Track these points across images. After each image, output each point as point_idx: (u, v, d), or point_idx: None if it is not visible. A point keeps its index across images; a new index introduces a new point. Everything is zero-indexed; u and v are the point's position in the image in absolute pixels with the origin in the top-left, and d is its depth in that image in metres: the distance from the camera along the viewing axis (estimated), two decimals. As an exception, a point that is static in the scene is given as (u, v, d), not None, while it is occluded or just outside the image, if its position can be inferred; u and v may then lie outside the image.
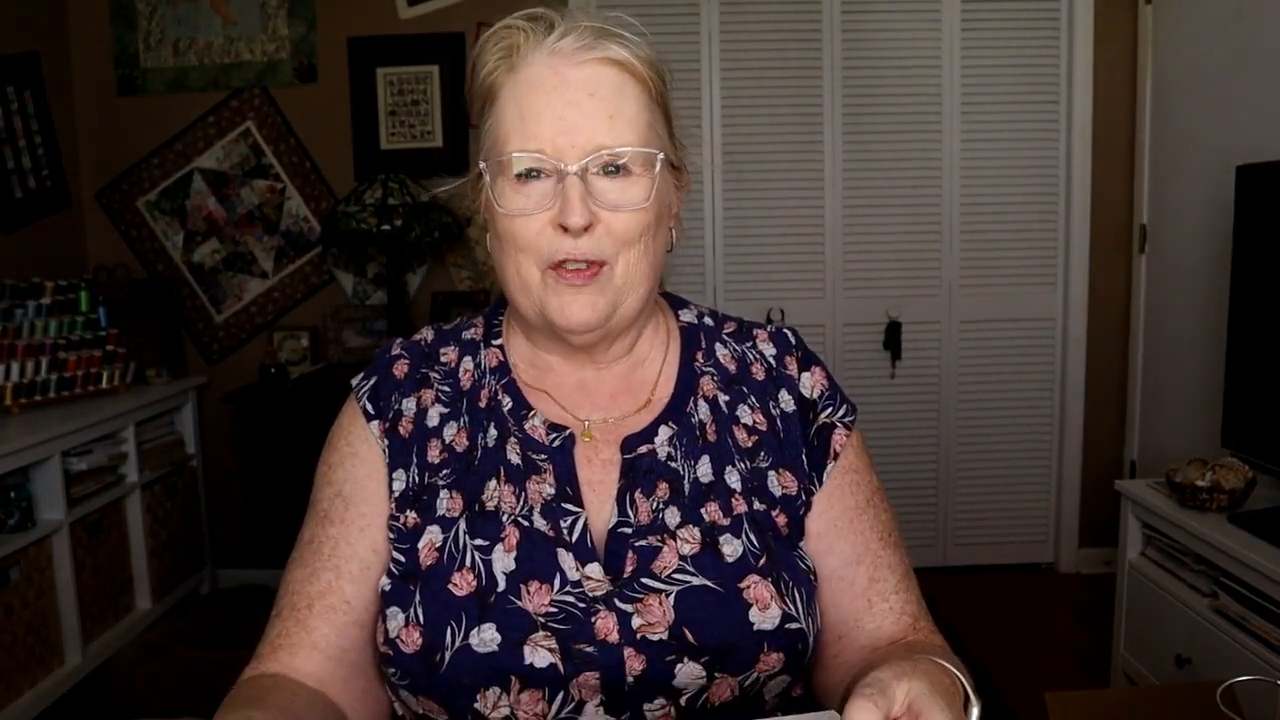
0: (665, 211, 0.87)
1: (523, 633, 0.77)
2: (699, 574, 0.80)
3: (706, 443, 0.88)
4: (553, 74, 0.80)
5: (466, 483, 0.85)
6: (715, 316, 0.99)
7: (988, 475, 3.32)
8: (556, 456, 0.86)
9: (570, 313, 0.82)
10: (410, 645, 0.78)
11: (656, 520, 0.83)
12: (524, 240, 0.82)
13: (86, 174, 3.28)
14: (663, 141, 0.85)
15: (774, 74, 3.17)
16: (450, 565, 0.81)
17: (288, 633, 0.84)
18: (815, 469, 0.89)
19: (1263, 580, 1.80)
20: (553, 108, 0.80)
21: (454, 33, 3.19)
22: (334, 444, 0.91)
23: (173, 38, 3.22)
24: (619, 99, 0.81)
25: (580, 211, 0.79)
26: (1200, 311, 2.68)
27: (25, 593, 2.36)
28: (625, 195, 0.81)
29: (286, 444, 2.95)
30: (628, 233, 0.82)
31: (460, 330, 0.96)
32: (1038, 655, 2.74)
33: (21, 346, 2.64)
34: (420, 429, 0.88)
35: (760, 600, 0.79)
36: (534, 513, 0.83)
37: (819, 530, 0.88)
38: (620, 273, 0.83)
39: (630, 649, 0.77)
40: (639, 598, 0.78)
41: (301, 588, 0.86)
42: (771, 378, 0.93)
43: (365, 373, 0.93)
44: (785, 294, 3.25)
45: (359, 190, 2.98)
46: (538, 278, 0.83)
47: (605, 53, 0.81)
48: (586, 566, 0.80)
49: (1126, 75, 3.12)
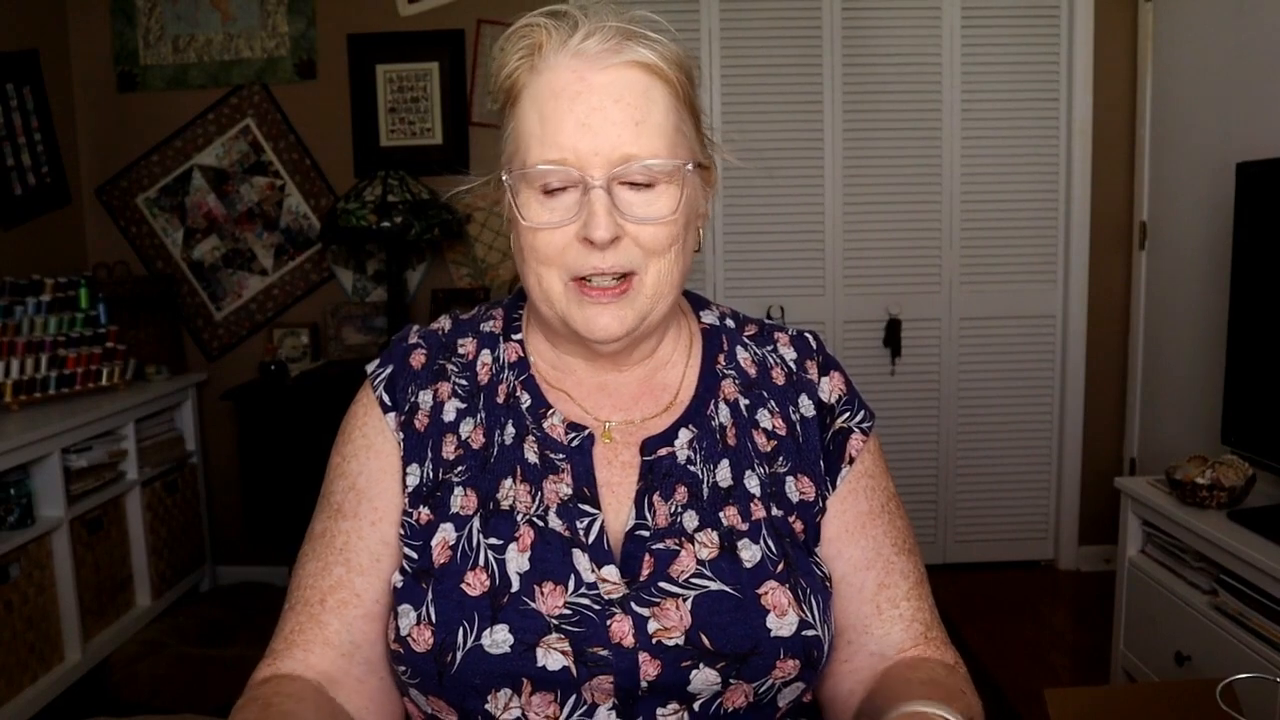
0: (694, 216, 0.85)
1: (536, 635, 0.76)
2: (717, 579, 0.79)
3: (726, 446, 0.87)
4: (577, 79, 0.78)
5: (481, 480, 0.84)
6: (736, 318, 0.97)
7: (988, 472, 3.33)
8: (575, 456, 0.84)
9: (596, 326, 0.81)
10: (421, 644, 0.77)
11: (675, 523, 0.82)
12: (548, 254, 0.81)
13: (86, 171, 3.28)
14: (691, 144, 0.83)
15: (774, 71, 3.17)
16: (464, 564, 0.79)
17: (301, 628, 0.83)
18: (830, 474, 0.88)
19: (1262, 577, 1.80)
20: (576, 114, 0.78)
21: (454, 30, 3.18)
22: (349, 434, 0.90)
23: (172, 34, 3.22)
24: (646, 104, 0.79)
25: (606, 225, 0.77)
26: (1200, 309, 2.68)
27: (25, 589, 2.36)
28: (652, 208, 0.80)
29: (286, 441, 2.95)
30: (656, 244, 0.80)
31: (479, 321, 0.94)
32: (1037, 652, 2.74)
33: (21, 343, 2.64)
34: (436, 423, 0.87)
35: (778, 606, 0.78)
36: (549, 513, 0.82)
37: (831, 535, 0.87)
38: (651, 283, 0.82)
39: (645, 653, 0.75)
40: (656, 602, 0.77)
41: (314, 582, 0.84)
42: (791, 382, 0.91)
43: (381, 359, 0.92)
44: (785, 291, 3.25)
45: (359, 187, 2.98)
46: (560, 290, 0.82)
47: (631, 55, 0.79)
48: (603, 569, 0.79)
49: (1127, 72, 3.12)
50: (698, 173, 0.85)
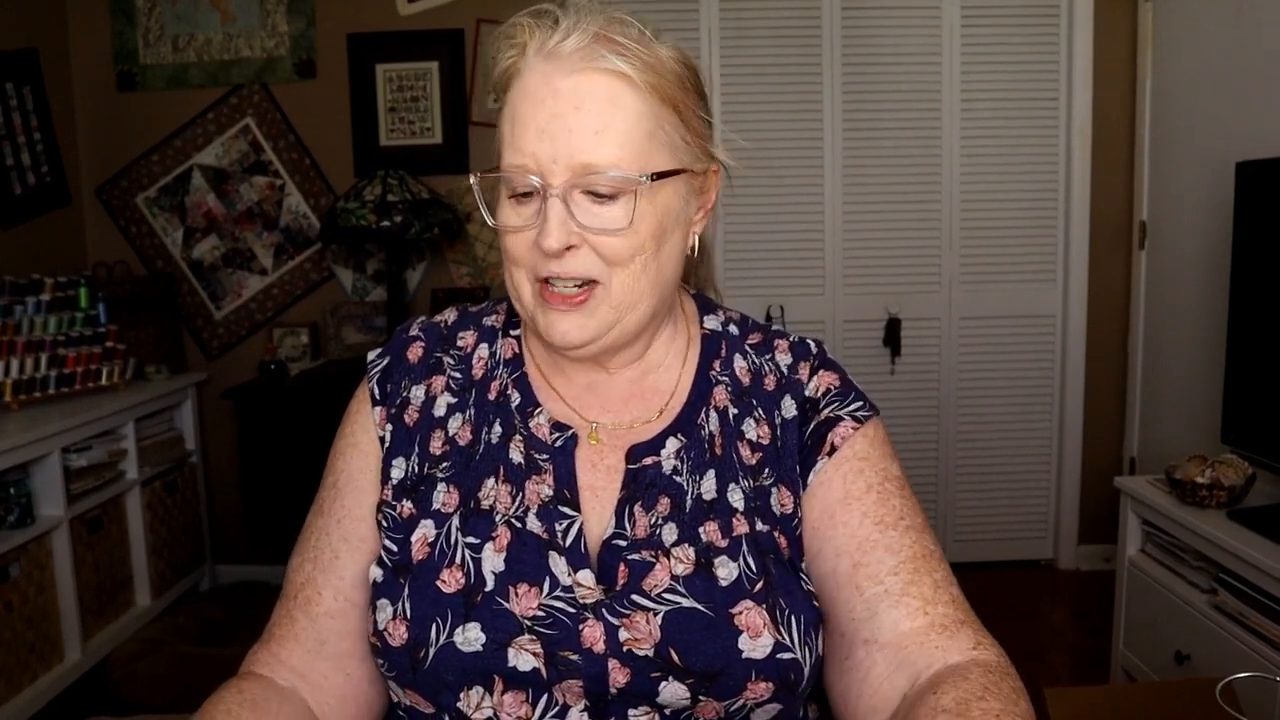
0: (673, 223, 0.83)
1: (508, 634, 0.76)
2: (690, 595, 0.77)
3: (714, 456, 0.85)
4: (544, 83, 0.77)
5: (465, 478, 0.84)
6: (743, 325, 0.94)
7: (987, 472, 3.32)
8: (558, 457, 0.84)
9: (557, 332, 0.81)
10: (397, 639, 0.78)
11: (653, 535, 0.81)
12: (516, 254, 0.82)
13: (86, 170, 3.28)
14: (672, 149, 0.81)
15: (774, 71, 3.16)
16: (440, 561, 0.80)
17: (278, 622, 0.86)
18: (805, 474, 0.85)
19: (1262, 577, 1.80)
20: (538, 121, 0.77)
21: (453, 29, 3.18)
22: (342, 430, 0.92)
23: (172, 34, 3.22)
24: (610, 111, 0.77)
25: (557, 235, 0.77)
26: (1200, 308, 2.68)
27: (25, 589, 2.36)
28: (606, 219, 0.78)
29: (286, 440, 2.95)
30: (616, 255, 0.79)
31: (484, 314, 0.96)
32: (1037, 652, 2.74)
33: (21, 343, 2.64)
34: (426, 418, 0.88)
35: (751, 628, 0.76)
36: (529, 514, 0.81)
37: (806, 537, 0.84)
38: (617, 292, 0.81)
39: (615, 660, 0.75)
40: (627, 614, 0.76)
41: (292, 576, 0.88)
42: (780, 385, 0.89)
43: (382, 349, 0.94)
44: (784, 291, 3.25)
45: (358, 187, 2.98)
46: (530, 291, 0.83)
47: (601, 63, 0.77)
48: (578, 573, 0.78)
49: (1126, 72, 3.12)
50: (687, 177, 0.83)
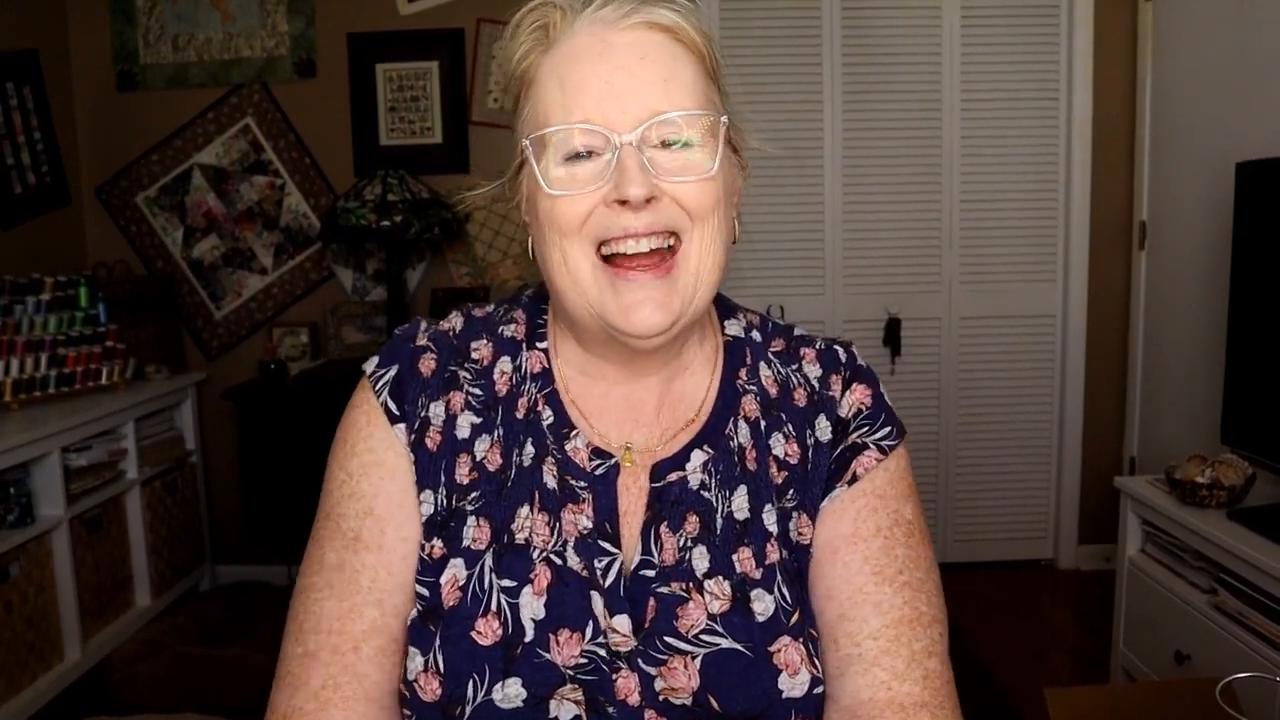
0: (729, 195, 0.77)
1: (550, 687, 0.70)
2: (729, 635, 0.72)
3: (745, 471, 0.78)
4: (597, 41, 0.72)
5: (496, 508, 0.76)
6: (764, 330, 0.87)
7: (987, 472, 3.32)
8: (598, 486, 0.77)
9: (636, 318, 0.71)
10: (429, 693, 0.71)
11: (683, 562, 0.74)
12: (570, 222, 0.71)
13: (86, 170, 3.28)
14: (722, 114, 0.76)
15: (774, 69, 3.16)
16: (474, 608, 0.73)
17: (335, 683, 0.73)
18: (822, 496, 0.79)
19: (1262, 576, 1.80)
20: (600, 75, 0.70)
21: (454, 29, 3.18)
22: (351, 446, 0.79)
23: (172, 34, 3.22)
24: (673, 64, 0.72)
25: (640, 181, 0.69)
26: (1200, 308, 2.68)
27: (25, 589, 2.36)
28: (689, 165, 0.71)
29: (286, 440, 2.95)
30: (699, 204, 0.72)
31: (496, 324, 0.84)
32: (1037, 652, 2.74)
33: (21, 342, 2.64)
34: (449, 441, 0.78)
35: (790, 665, 0.72)
36: (568, 548, 0.74)
37: (812, 565, 0.78)
38: (695, 254, 0.73)
39: (652, 710, 0.70)
40: (664, 660, 0.71)
41: (342, 625, 0.74)
42: (813, 402, 0.82)
43: (381, 358, 0.81)
44: (784, 290, 3.25)
45: (358, 186, 2.98)
46: (589, 271, 0.72)
47: (652, 16, 0.72)
48: (614, 619, 0.72)
49: (1126, 71, 3.12)
50: (729, 151, 0.77)
